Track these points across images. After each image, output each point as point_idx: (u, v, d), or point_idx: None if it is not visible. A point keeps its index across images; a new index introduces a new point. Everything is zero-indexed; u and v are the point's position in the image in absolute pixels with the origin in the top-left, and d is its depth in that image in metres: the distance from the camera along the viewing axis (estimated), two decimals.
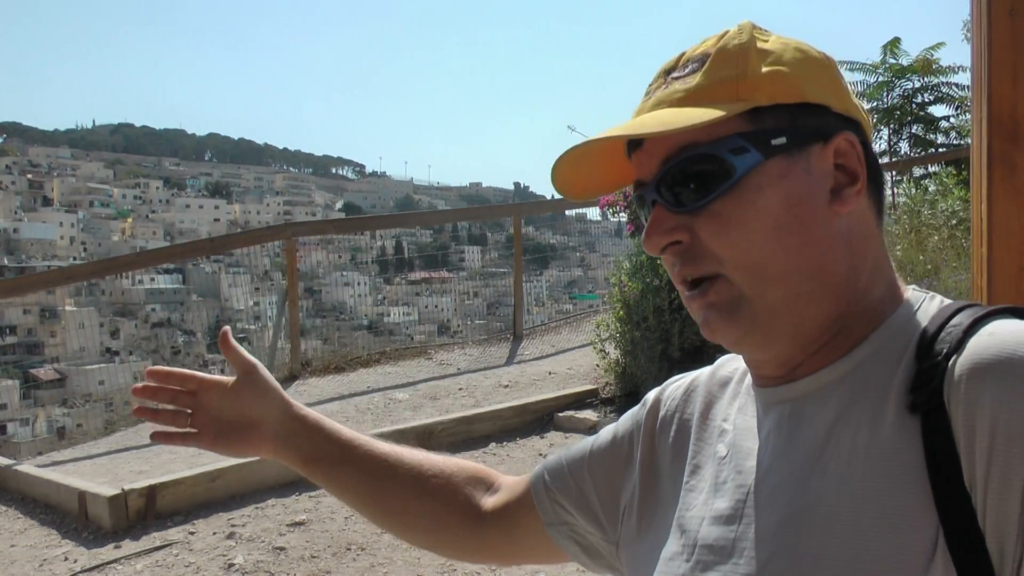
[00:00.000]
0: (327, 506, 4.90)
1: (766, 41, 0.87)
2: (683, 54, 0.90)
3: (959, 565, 0.73)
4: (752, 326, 0.86)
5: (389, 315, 22.00)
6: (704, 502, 0.95)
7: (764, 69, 0.85)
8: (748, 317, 0.86)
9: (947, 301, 0.88)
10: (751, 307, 0.85)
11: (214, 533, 4.57)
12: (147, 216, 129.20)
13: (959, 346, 0.77)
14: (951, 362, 0.76)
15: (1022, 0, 1.07)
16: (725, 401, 1.02)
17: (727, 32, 0.88)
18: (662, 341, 6.20)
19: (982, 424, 0.73)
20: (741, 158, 0.83)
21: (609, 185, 0.97)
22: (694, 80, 0.86)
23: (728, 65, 0.85)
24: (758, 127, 0.84)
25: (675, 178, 0.85)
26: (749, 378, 0.99)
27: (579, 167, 0.93)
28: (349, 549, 4.40)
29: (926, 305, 0.87)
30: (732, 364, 1.06)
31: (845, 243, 0.86)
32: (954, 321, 0.81)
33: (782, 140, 0.83)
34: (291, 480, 5.26)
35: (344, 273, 22.03)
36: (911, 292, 0.90)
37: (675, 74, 0.88)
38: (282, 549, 4.37)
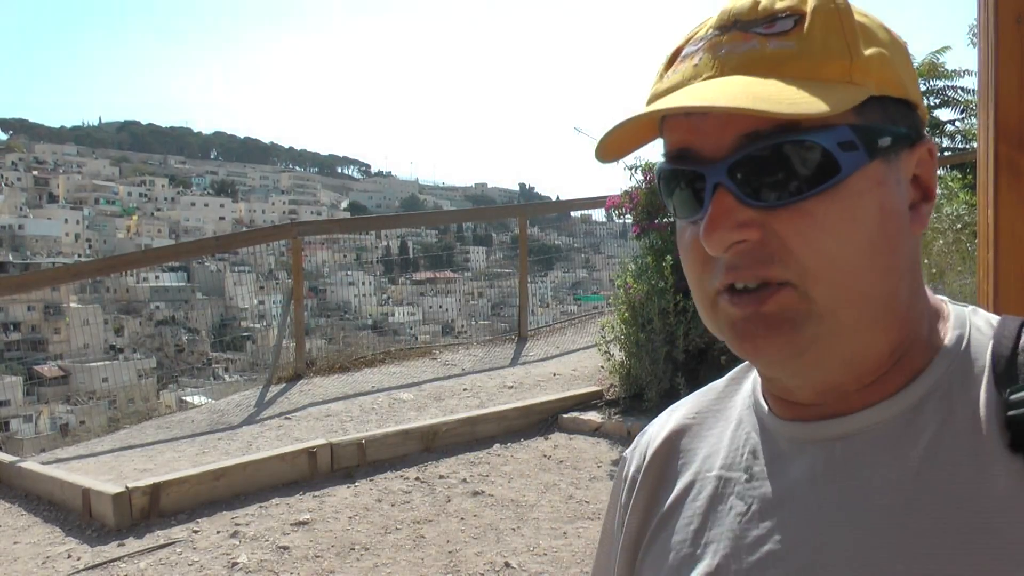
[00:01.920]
0: (331, 506, 4.91)
1: (853, 9, 0.73)
2: (757, 1, 0.73)
3: None
4: (810, 347, 0.72)
5: (393, 315, 21.99)
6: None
7: (870, 50, 0.72)
8: (810, 337, 0.71)
9: (989, 314, 0.82)
10: (819, 326, 0.71)
11: (218, 532, 4.58)
12: (152, 214, 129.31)
13: None
14: None
15: None
16: (710, 442, 0.89)
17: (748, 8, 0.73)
18: (667, 343, 6.20)
19: None
20: (849, 155, 0.69)
21: (633, 144, 0.80)
22: (794, 43, 0.70)
23: (834, 34, 0.71)
24: (866, 121, 0.70)
25: (762, 164, 0.69)
26: (749, 413, 0.87)
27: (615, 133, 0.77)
28: (353, 549, 4.40)
29: (975, 321, 0.79)
30: (703, 399, 0.95)
31: (912, 269, 0.75)
32: None
33: (887, 141, 0.71)
34: (295, 479, 5.28)
35: (349, 272, 22.06)
36: (951, 306, 0.81)
37: (759, 29, 0.71)
38: (286, 548, 4.38)
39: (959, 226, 6.87)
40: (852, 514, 0.72)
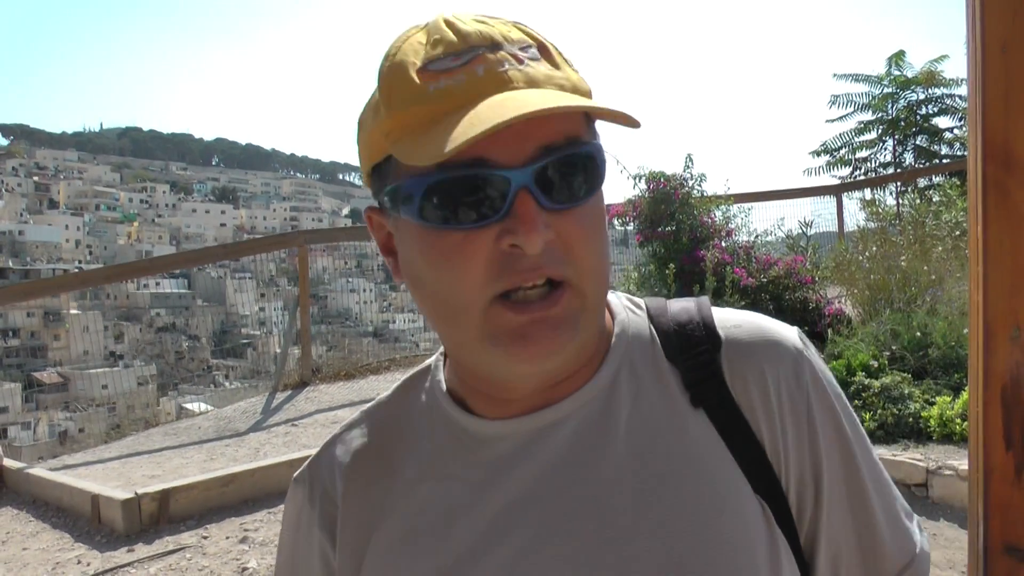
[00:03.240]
0: None
1: None
2: (491, 31, 0.78)
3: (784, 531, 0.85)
4: (575, 342, 0.80)
5: (394, 322, 22.03)
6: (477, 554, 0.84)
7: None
8: (580, 332, 0.80)
9: (626, 295, 0.96)
10: (586, 321, 0.81)
11: (227, 537, 4.63)
12: (153, 220, 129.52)
13: (716, 340, 0.88)
14: (721, 355, 0.87)
15: (1013, 37, 1.15)
16: (414, 458, 0.91)
17: (519, 22, 0.82)
18: None
19: (773, 394, 0.86)
20: (604, 166, 0.80)
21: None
22: (556, 66, 0.79)
23: (566, 60, 0.82)
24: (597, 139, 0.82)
25: (559, 170, 0.76)
26: (443, 422, 0.91)
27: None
28: None
29: (624, 303, 0.94)
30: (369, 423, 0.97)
31: None
32: (682, 318, 0.90)
33: (604, 154, 0.81)
34: None
35: (350, 279, 22.09)
36: (609, 296, 0.93)
37: (516, 52, 0.78)
38: None
39: (957, 233, 6.94)
40: (590, 483, 0.83)
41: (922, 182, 12.65)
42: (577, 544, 0.81)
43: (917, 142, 14.45)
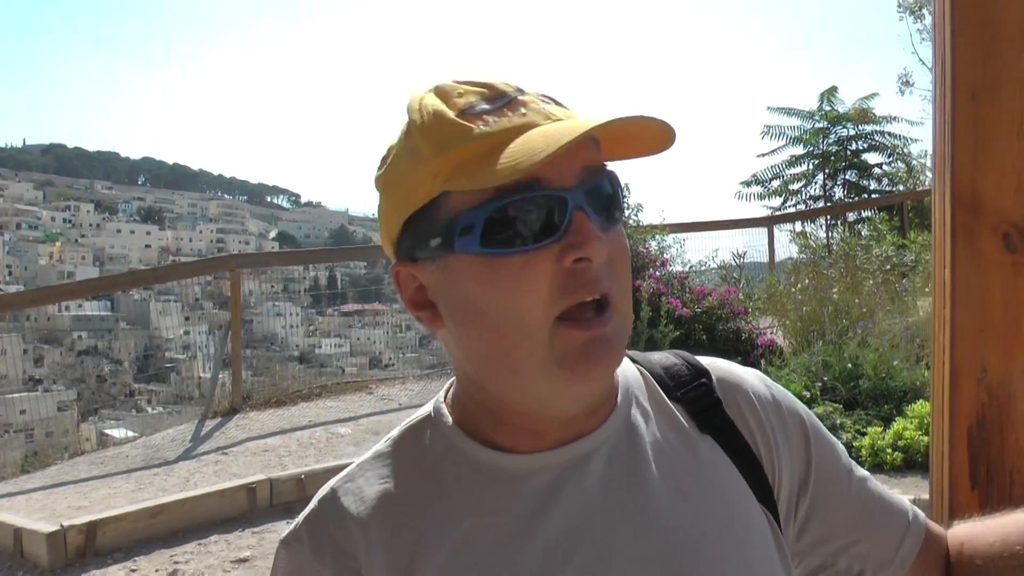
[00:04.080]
0: (271, 542, 4.85)
1: None
2: (495, 81, 0.87)
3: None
4: (619, 363, 0.88)
5: (321, 346, 21.76)
6: None
7: None
8: (622, 352, 0.87)
9: None
10: (624, 342, 0.86)
11: (156, 570, 4.50)
12: (77, 240, 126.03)
13: (708, 375, 0.99)
14: (713, 387, 0.98)
15: (982, 86, 1.18)
16: (442, 503, 0.90)
17: (515, 82, 0.88)
18: None
19: (762, 414, 0.97)
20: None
21: None
22: (568, 110, 0.87)
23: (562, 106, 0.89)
24: None
25: (603, 190, 0.84)
26: (461, 464, 0.91)
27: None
28: None
29: None
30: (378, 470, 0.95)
31: None
32: (667, 364, 1.00)
33: None
34: (234, 515, 5.21)
35: (276, 303, 21.82)
36: None
37: (537, 95, 0.87)
38: None
39: (888, 267, 7.12)
40: (637, 501, 0.89)
41: (852, 216, 13.00)
42: (643, 560, 0.86)
43: (847, 176, 14.86)
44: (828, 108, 14.77)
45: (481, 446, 0.91)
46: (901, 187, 14.02)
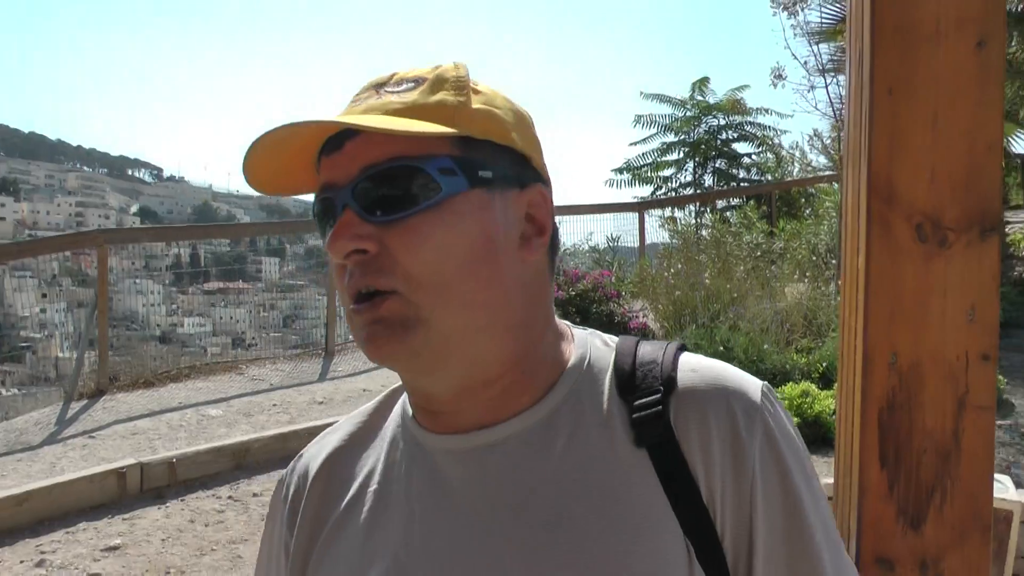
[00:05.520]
0: (142, 528, 4.69)
1: (478, 84, 0.91)
2: (395, 74, 0.90)
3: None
4: (422, 349, 0.84)
5: (183, 325, 21.15)
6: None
7: (478, 105, 0.88)
8: (421, 339, 0.84)
9: (606, 335, 1.00)
10: (426, 330, 0.83)
11: (21, 561, 4.28)
12: None
13: (671, 383, 0.88)
14: (671, 398, 0.88)
15: (899, 80, 1.23)
16: (368, 461, 0.99)
17: (441, 65, 0.90)
18: None
19: (716, 442, 0.85)
20: (448, 180, 0.83)
21: (307, 185, 0.93)
22: (411, 96, 0.86)
23: (446, 91, 0.87)
24: (468, 155, 0.85)
25: (377, 186, 0.83)
26: (401, 433, 0.97)
27: (277, 157, 0.88)
28: (168, 573, 4.23)
29: (595, 341, 0.97)
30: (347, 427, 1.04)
31: (524, 290, 0.89)
32: (646, 359, 0.92)
33: (488, 174, 0.86)
34: (103, 502, 5.01)
35: (137, 280, 21.01)
36: (574, 330, 0.99)
37: (389, 88, 0.88)
38: None
39: (758, 254, 7.38)
40: (509, 507, 0.86)
41: (721, 203, 13.43)
42: (490, 560, 0.85)
43: (717, 165, 15.32)
44: (700, 98, 15.18)
45: (409, 419, 0.96)
46: (769, 176, 14.57)
